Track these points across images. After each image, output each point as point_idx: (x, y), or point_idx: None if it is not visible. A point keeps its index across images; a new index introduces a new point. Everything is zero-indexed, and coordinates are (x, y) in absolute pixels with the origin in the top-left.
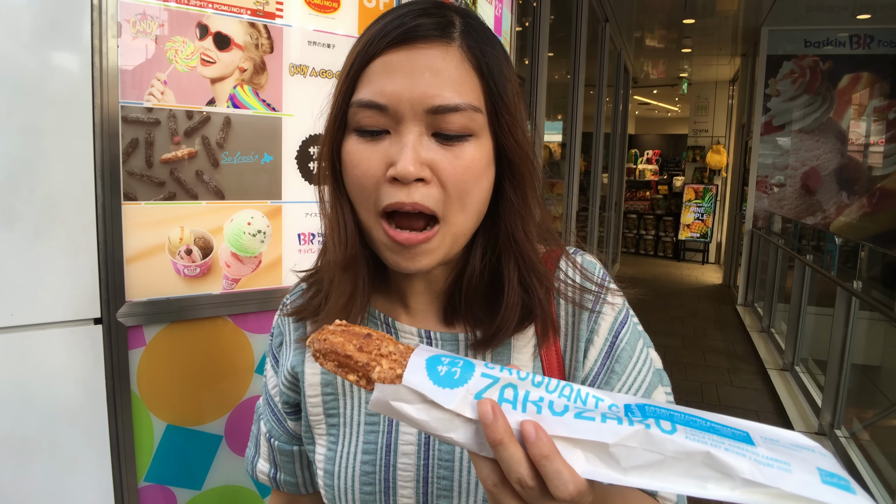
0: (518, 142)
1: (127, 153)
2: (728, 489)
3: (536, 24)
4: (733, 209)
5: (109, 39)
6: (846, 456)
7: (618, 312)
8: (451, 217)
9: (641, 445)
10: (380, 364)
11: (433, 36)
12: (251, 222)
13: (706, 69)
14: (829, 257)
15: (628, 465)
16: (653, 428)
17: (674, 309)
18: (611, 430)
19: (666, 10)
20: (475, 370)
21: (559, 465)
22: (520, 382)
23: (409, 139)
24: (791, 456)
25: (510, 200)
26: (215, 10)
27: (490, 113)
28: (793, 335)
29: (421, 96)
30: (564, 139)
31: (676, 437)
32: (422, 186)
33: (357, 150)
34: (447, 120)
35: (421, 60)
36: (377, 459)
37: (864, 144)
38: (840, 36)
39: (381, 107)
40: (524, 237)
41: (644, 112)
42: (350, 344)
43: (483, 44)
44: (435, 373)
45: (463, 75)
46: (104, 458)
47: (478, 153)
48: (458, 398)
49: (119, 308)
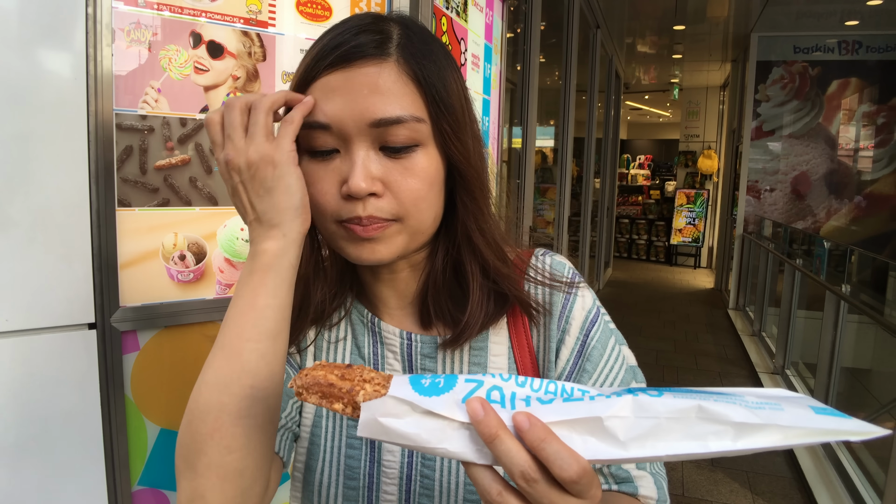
0: (464, 148)
1: (121, 160)
2: (730, 441)
3: (528, 31)
4: (724, 214)
5: (104, 47)
6: (836, 458)
7: (587, 311)
8: (409, 219)
9: (634, 414)
10: (363, 388)
11: (369, 54)
12: (244, 228)
13: (697, 75)
14: (819, 261)
15: (626, 438)
16: (640, 395)
17: (665, 313)
18: (602, 405)
19: (657, 17)
20: (458, 378)
21: (557, 445)
22: (504, 384)
23: (358, 156)
24: (780, 400)
25: (463, 203)
26: (209, 19)
27: (433, 121)
28: (783, 339)
29: (362, 112)
30: (556, 144)
31: (665, 399)
32: (375, 200)
33: (311, 171)
34: (391, 133)
35: (358, 79)
36: (362, 454)
37: (854, 149)
38: (829, 42)
39: (325, 126)
40: (480, 235)
41: (636, 117)
42: (332, 374)
43: (421, 55)
44: (419, 385)
45: (402, 88)
46: (98, 462)
47: (426, 162)
48: (447, 404)
49: (113, 313)
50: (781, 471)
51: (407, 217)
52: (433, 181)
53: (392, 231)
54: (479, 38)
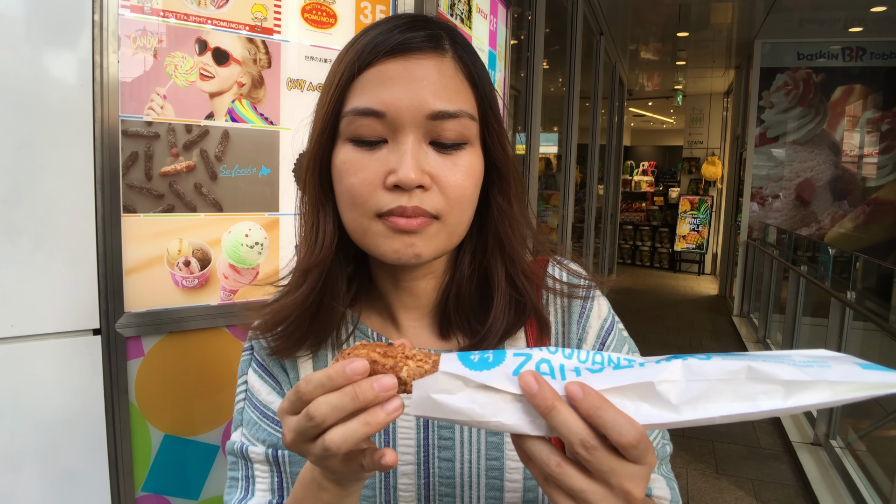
0: (505, 150)
1: (126, 166)
2: (780, 399)
3: (531, 38)
4: (729, 220)
5: (110, 54)
6: (841, 466)
7: (603, 320)
8: (449, 217)
9: (685, 377)
10: (407, 364)
11: (427, 47)
12: (249, 234)
13: (701, 81)
14: (824, 268)
15: (679, 402)
16: (689, 360)
17: (670, 320)
18: (652, 370)
19: (660, 24)
20: (507, 353)
21: (613, 412)
22: (551, 356)
23: (410, 147)
24: (826, 358)
25: (499, 206)
26: (214, 26)
27: (482, 122)
28: (788, 345)
29: (420, 102)
30: (560, 151)
31: (714, 362)
32: (421, 193)
33: (354, 160)
34: (445, 127)
35: (418, 70)
36: (376, 482)
37: (858, 156)
38: (833, 48)
39: (379, 114)
40: (513, 241)
41: (639, 124)
42: (374, 352)
43: (471, 56)
44: (469, 361)
45: (458, 84)
46: (102, 468)
47: (474, 160)
48: (498, 377)
49: (118, 319)
50: (787, 479)
51: (448, 215)
52: (477, 181)
53: (433, 230)
54: (483, 45)
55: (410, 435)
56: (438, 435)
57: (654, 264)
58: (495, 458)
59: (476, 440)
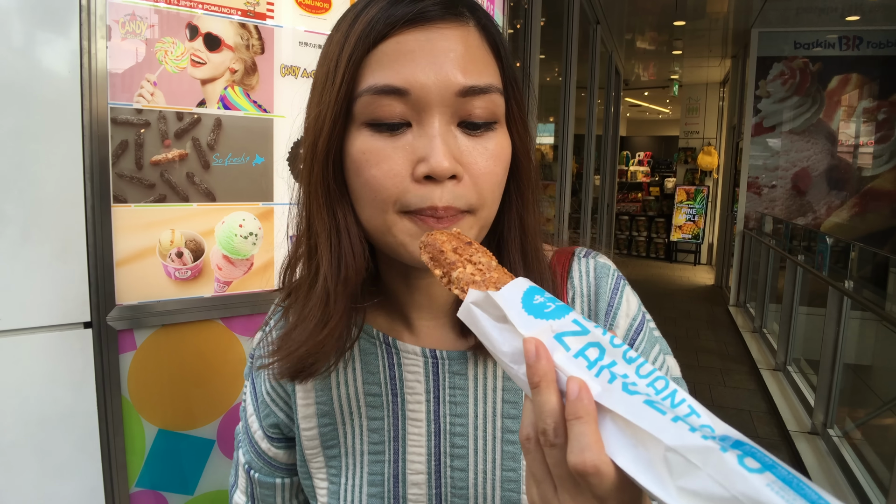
0: (527, 130)
1: (116, 155)
2: None
3: (528, 27)
4: (725, 210)
5: (98, 41)
6: (839, 455)
7: (632, 319)
8: (482, 210)
9: (706, 468)
10: (464, 267)
11: (448, 16)
12: (243, 224)
13: (697, 71)
14: (821, 257)
15: (679, 484)
16: (729, 453)
17: (666, 310)
18: (676, 432)
19: (657, 13)
20: (569, 313)
21: (588, 430)
22: (610, 348)
23: (439, 130)
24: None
25: (521, 193)
26: (205, 11)
27: (507, 97)
28: (785, 335)
29: (448, 77)
30: (556, 141)
31: (755, 480)
32: (454, 185)
33: (374, 148)
34: (475, 105)
35: (441, 42)
36: (385, 492)
37: (854, 145)
38: (829, 37)
39: (402, 92)
40: (534, 231)
41: (635, 114)
42: (447, 244)
43: (494, 24)
44: (530, 299)
45: (485, 55)
46: (95, 463)
47: (503, 142)
48: (537, 330)
49: (109, 312)
50: None
51: (482, 207)
52: (506, 165)
53: (465, 225)
54: None
55: (421, 443)
56: (451, 443)
57: (651, 254)
58: (512, 468)
59: (491, 449)
